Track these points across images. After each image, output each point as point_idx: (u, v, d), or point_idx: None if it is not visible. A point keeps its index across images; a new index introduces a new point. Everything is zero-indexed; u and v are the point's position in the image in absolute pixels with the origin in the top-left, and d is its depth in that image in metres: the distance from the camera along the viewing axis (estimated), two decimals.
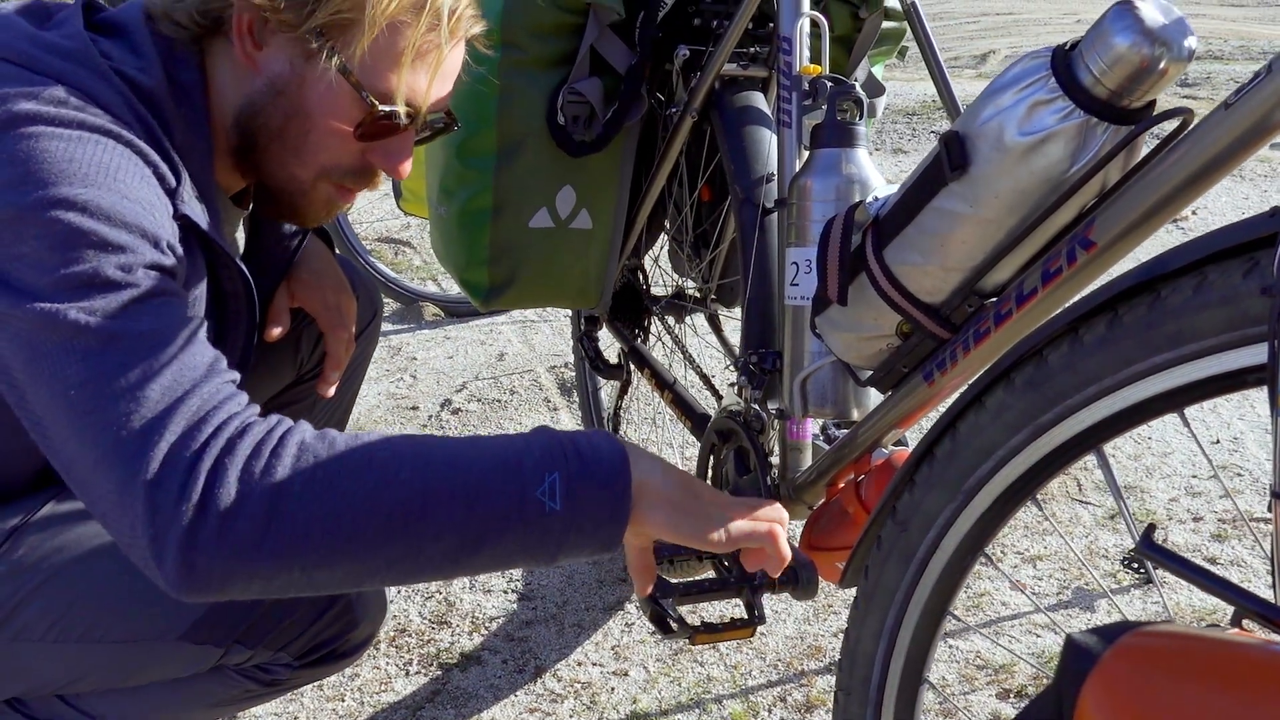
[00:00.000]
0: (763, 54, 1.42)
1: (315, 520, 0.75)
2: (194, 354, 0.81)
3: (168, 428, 0.75)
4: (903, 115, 5.17)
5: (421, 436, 0.82)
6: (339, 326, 1.29)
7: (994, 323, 0.84)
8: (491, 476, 0.79)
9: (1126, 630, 0.50)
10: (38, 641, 0.96)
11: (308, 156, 1.01)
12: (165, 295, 0.83)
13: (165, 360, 0.78)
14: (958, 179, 0.82)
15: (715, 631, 1.08)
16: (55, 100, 0.84)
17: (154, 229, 0.84)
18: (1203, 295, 0.64)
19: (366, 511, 0.76)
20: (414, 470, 0.78)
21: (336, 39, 0.95)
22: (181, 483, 0.73)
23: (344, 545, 0.76)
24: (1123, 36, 0.71)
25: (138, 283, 0.80)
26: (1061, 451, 0.76)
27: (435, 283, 3.38)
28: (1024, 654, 1.64)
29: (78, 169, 0.80)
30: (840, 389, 1.12)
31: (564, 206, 1.50)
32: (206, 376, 0.80)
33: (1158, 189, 0.70)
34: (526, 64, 1.38)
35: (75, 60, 0.89)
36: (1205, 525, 1.95)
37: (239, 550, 0.74)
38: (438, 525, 0.78)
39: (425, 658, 1.68)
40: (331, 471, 0.77)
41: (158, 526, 0.73)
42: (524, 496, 0.79)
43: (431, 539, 0.78)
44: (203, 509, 0.73)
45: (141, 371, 0.77)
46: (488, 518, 0.79)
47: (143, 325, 0.79)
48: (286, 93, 0.97)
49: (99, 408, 0.75)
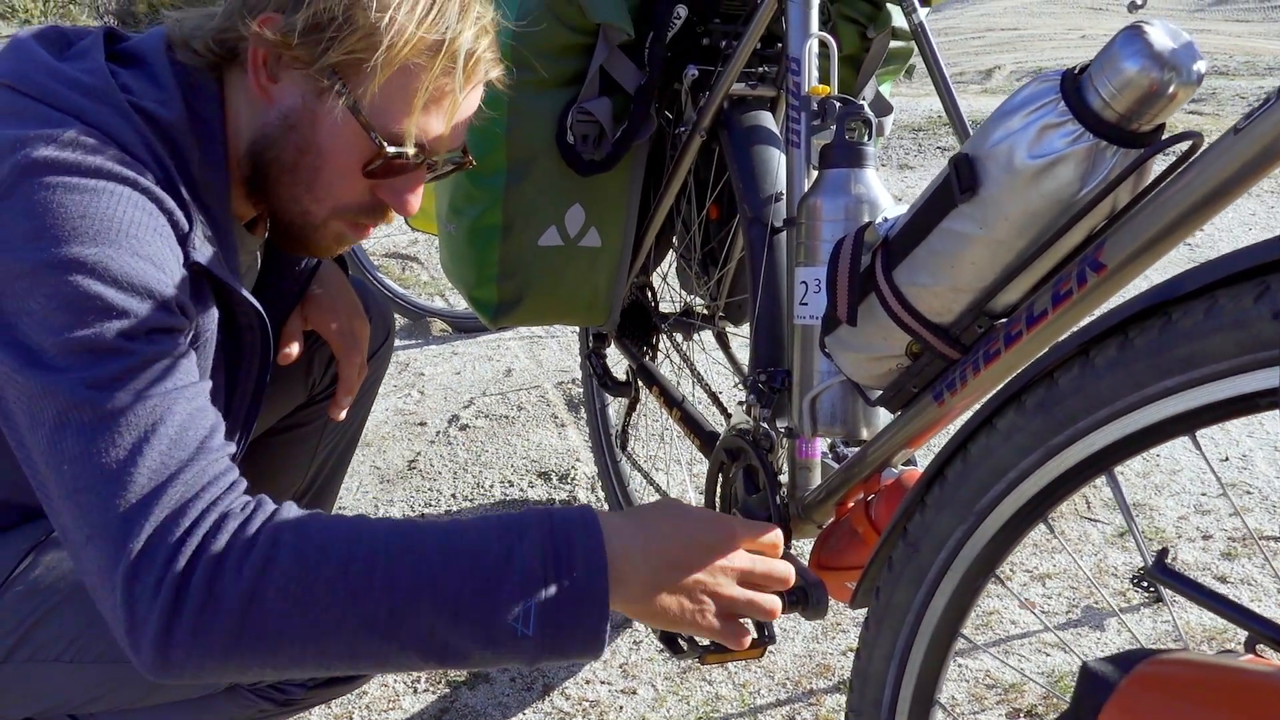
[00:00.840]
0: (771, 74, 1.42)
1: (288, 627, 0.76)
2: (188, 429, 0.82)
3: (149, 518, 0.76)
4: (909, 131, 5.18)
5: (403, 531, 0.82)
6: (352, 351, 1.30)
7: (1004, 344, 0.84)
8: (468, 597, 0.78)
9: (1142, 658, 0.50)
10: (54, 661, 0.97)
11: (319, 192, 1.01)
12: (167, 361, 0.84)
13: (157, 439, 0.79)
14: (967, 200, 0.82)
15: (724, 651, 1.08)
16: (74, 144, 0.85)
17: (162, 289, 0.85)
18: (1214, 319, 0.64)
19: (338, 622, 0.77)
20: (387, 583, 0.78)
21: (349, 78, 0.95)
22: (158, 579, 0.75)
23: (314, 652, 0.78)
24: (1132, 61, 0.72)
25: (139, 351, 0.82)
26: (1073, 474, 0.76)
27: (443, 298, 3.39)
28: (1034, 673, 1.63)
29: (91, 225, 0.82)
30: (849, 408, 1.12)
31: (573, 224, 1.51)
32: (196, 455, 0.81)
33: (1168, 212, 0.71)
34: (536, 84, 1.39)
35: (95, 97, 0.90)
36: (1215, 543, 1.94)
37: (211, 650, 0.76)
38: (406, 642, 0.79)
39: (433, 676, 1.68)
40: (307, 576, 0.77)
41: (134, 619, 0.75)
42: (496, 625, 0.79)
43: (398, 653, 0.79)
44: (177, 609, 0.74)
45: (132, 452, 0.78)
46: (458, 640, 0.79)
47: (139, 400, 0.80)
48: (299, 127, 0.98)
49: (88, 487, 0.77)
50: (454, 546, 0.80)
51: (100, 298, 0.80)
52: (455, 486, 2.26)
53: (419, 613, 0.78)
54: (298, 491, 1.50)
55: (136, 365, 0.81)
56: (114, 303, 0.81)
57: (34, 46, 0.95)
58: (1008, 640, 1.72)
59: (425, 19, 0.94)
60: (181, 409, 0.82)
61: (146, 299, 0.83)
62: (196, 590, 0.75)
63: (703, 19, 1.42)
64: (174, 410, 0.82)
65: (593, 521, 0.84)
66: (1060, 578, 1.87)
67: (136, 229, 0.85)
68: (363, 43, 0.93)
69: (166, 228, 0.88)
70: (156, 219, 0.87)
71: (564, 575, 0.80)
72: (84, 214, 0.82)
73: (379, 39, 0.93)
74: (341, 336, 1.29)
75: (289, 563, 0.77)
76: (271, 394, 1.31)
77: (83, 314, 0.80)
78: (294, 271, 1.26)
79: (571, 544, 0.82)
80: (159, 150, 0.91)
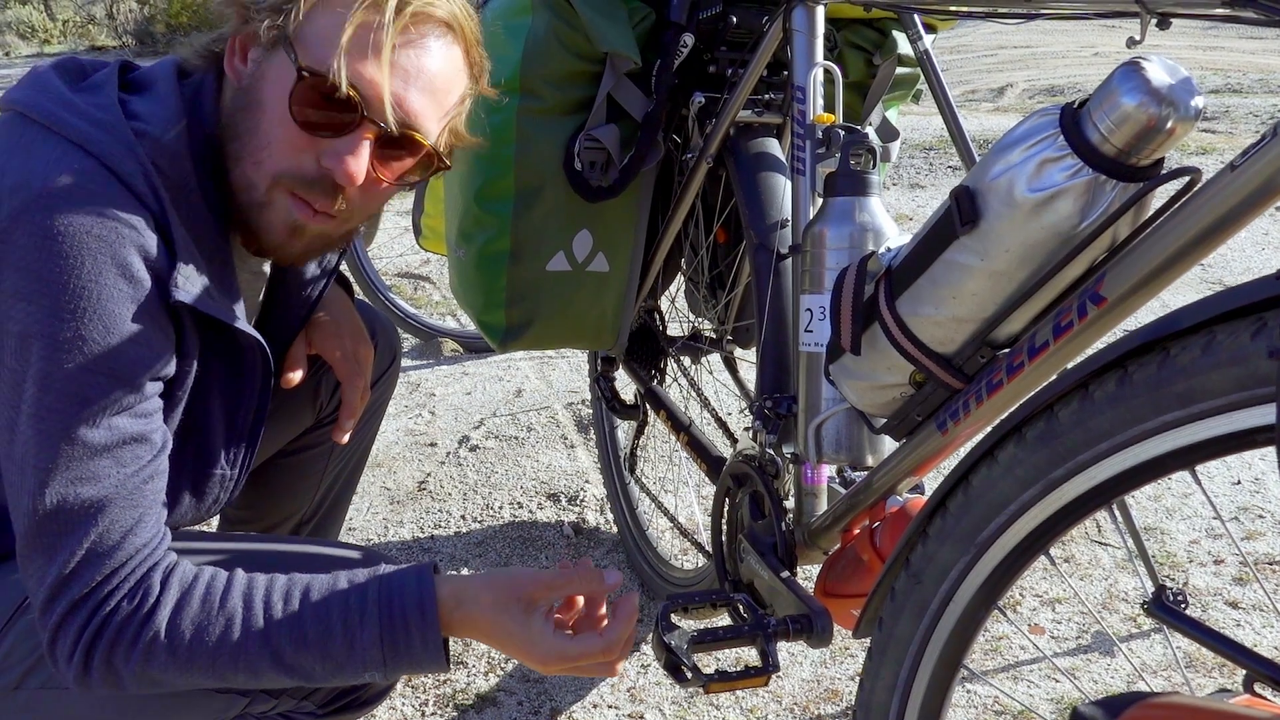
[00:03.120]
0: (777, 101, 1.43)
1: (178, 684, 0.97)
2: (116, 523, 0.93)
3: (60, 605, 0.92)
4: (920, 150, 5.19)
5: (265, 613, 0.97)
6: (355, 375, 1.31)
7: (1006, 374, 0.85)
8: (321, 673, 0.98)
9: (1133, 702, 0.50)
10: (64, 689, 0.97)
11: (260, 153, 0.98)
12: (122, 445, 0.93)
13: (86, 534, 0.91)
14: (968, 233, 0.83)
15: (729, 680, 1.08)
16: (73, 189, 0.89)
17: (130, 369, 0.92)
18: (1212, 355, 0.65)
19: (217, 682, 0.97)
20: (250, 670, 0.96)
21: (281, 17, 0.96)
22: (67, 656, 0.93)
23: (204, 689, 1.00)
24: (1130, 96, 0.72)
25: (93, 437, 0.91)
26: (1074, 507, 0.76)
27: (454, 318, 3.41)
28: (1042, 700, 1.62)
29: (71, 301, 0.88)
30: (855, 435, 1.13)
31: (581, 250, 1.52)
32: (115, 549, 0.93)
33: (1167, 246, 0.71)
34: (544, 111, 1.40)
35: (102, 127, 0.93)
36: (1227, 568, 1.93)
37: (121, 689, 0.96)
38: (273, 691, 1.07)
39: (441, 699, 1.68)
40: (182, 663, 0.95)
41: (58, 667, 0.94)
42: (350, 678, 1.00)
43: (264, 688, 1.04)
44: (87, 675, 0.94)
45: (61, 542, 0.91)
46: (321, 686, 1.06)
47: (84, 491, 0.91)
48: (249, 89, 0.99)
49: (35, 556, 0.92)
50: (305, 639, 0.97)
51: (70, 382, 0.89)
52: (465, 508, 2.27)
53: (280, 681, 0.98)
54: (305, 514, 1.51)
55: (88, 454, 0.91)
56: (82, 391, 0.90)
57: (51, 76, 0.98)
58: (1017, 666, 1.71)
59: None
60: (118, 503, 0.93)
61: (113, 382, 0.91)
62: (99, 666, 0.93)
63: (709, 47, 1.43)
64: (110, 505, 0.92)
65: (430, 601, 1.00)
66: (1070, 602, 1.86)
67: (114, 303, 0.90)
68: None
69: (148, 287, 0.93)
70: (138, 284, 0.92)
71: (401, 654, 0.99)
72: (67, 285, 0.88)
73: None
74: (345, 361, 1.30)
75: (163, 658, 0.94)
76: (279, 417, 1.33)
77: (51, 394, 0.89)
78: (301, 294, 1.27)
79: (409, 629, 0.98)
80: (158, 183, 0.94)
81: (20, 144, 0.91)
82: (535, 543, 2.13)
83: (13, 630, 0.99)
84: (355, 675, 0.99)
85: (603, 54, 1.38)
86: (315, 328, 1.28)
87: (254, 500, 1.46)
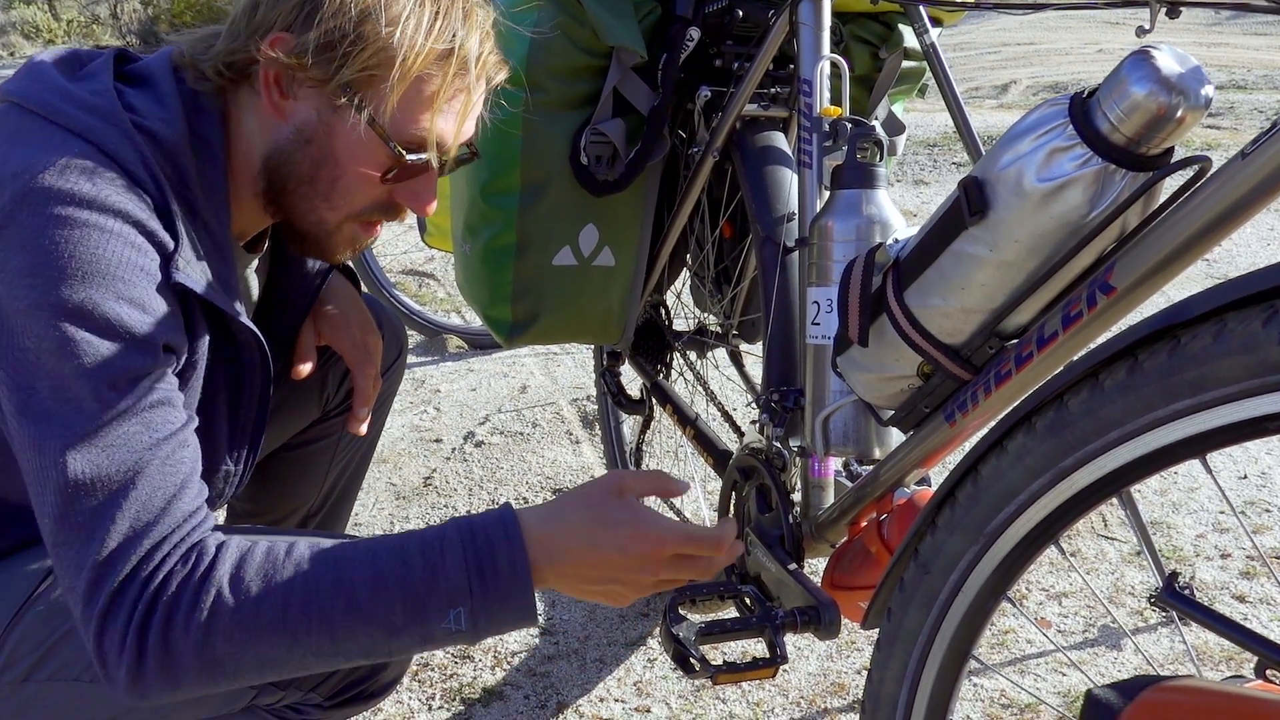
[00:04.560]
0: (783, 94, 1.43)
1: (242, 663, 0.87)
2: (158, 489, 0.87)
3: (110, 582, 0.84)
4: (924, 146, 5.18)
5: (333, 560, 0.89)
6: (366, 364, 1.31)
7: (1015, 365, 0.85)
8: (400, 618, 0.88)
9: (1147, 685, 0.50)
10: (74, 681, 0.97)
11: (336, 200, 1.03)
12: (146, 412, 0.88)
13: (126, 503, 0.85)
14: (977, 223, 0.83)
15: (737, 671, 1.08)
16: (73, 171, 0.87)
17: (147, 332, 0.88)
18: (1223, 342, 0.65)
19: (285, 655, 0.87)
20: (325, 624, 0.87)
21: (364, 92, 0.97)
22: (120, 640, 0.84)
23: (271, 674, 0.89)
24: (1140, 85, 0.72)
25: (119, 400, 0.86)
26: (1084, 496, 0.76)
27: (459, 315, 3.41)
28: (1049, 693, 1.62)
29: (80, 267, 0.85)
30: (862, 428, 1.12)
31: (587, 244, 1.52)
32: (160, 516, 0.86)
33: (1177, 235, 0.71)
34: (550, 105, 1.40)
35: (99, 115, 0.92)
36: (1234, 562, 1.93)
37: (179, 686, 0.86)
38: (351, 657, 0.90)
39: (448, 692, 1.69)
40: (248, 624, 0.86)
41: (108, 671, 0.85)
42: (430, 631, 0.89)
43: (344, 663, 0.91)
44: (141, 664, 0.84)
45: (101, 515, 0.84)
46: (397, 648, 0.90)
47: (114, 458, 0.85)
48: (315, 141, 1.00)
49: (65, 542, 0.85)
50: (382, 576, 0.88)
51: (88, 344, 0.85)
52: (470, 503, 2.27)
53: (356, 637, 0.88)
54: (312, 507, 1.51)
55: (123, 413, 0.86)
56: (100, 351, 0.86)
57: (47, 67, 0.98)
58: (1023, 659, 1.71)
59: (432, 29, 0.97)
60: (155, 467, 0.87)
61: (131, 345, 0.88)
62: (154, 649, 0.84)
63: (715, 41, 1.43)
64: (147, 469, 0.87)
65: (513, 526, 0.92)
66: (1077, 596, 1.86)
67: (123, 269, 0.88)
68: (375, 58, 0.95)
69: (155, 262, 0.91)
70: (145, 255, 0.90)
71: (489, 584, 0.89)
72: (74, 254, 0.85)
73: (392, 54, 0.95)
74: (355, 350, 1.30)
75: (228, 620, 0.85)
76: (285, 410, 1.33)
77: (70, 360, 0.85)
78: (301, 287, 1.27)
79: (495, 553, 0.90)
80: (157, 170, 0.93)
81: (19, 133, 0.91)
82: None
83: (21, 622, 0.99)
84: (440, 617, 0.88)
85: (608, 48, 1.38)
86: (323, 319, 1.29)
87: (260, 494, 1.47)
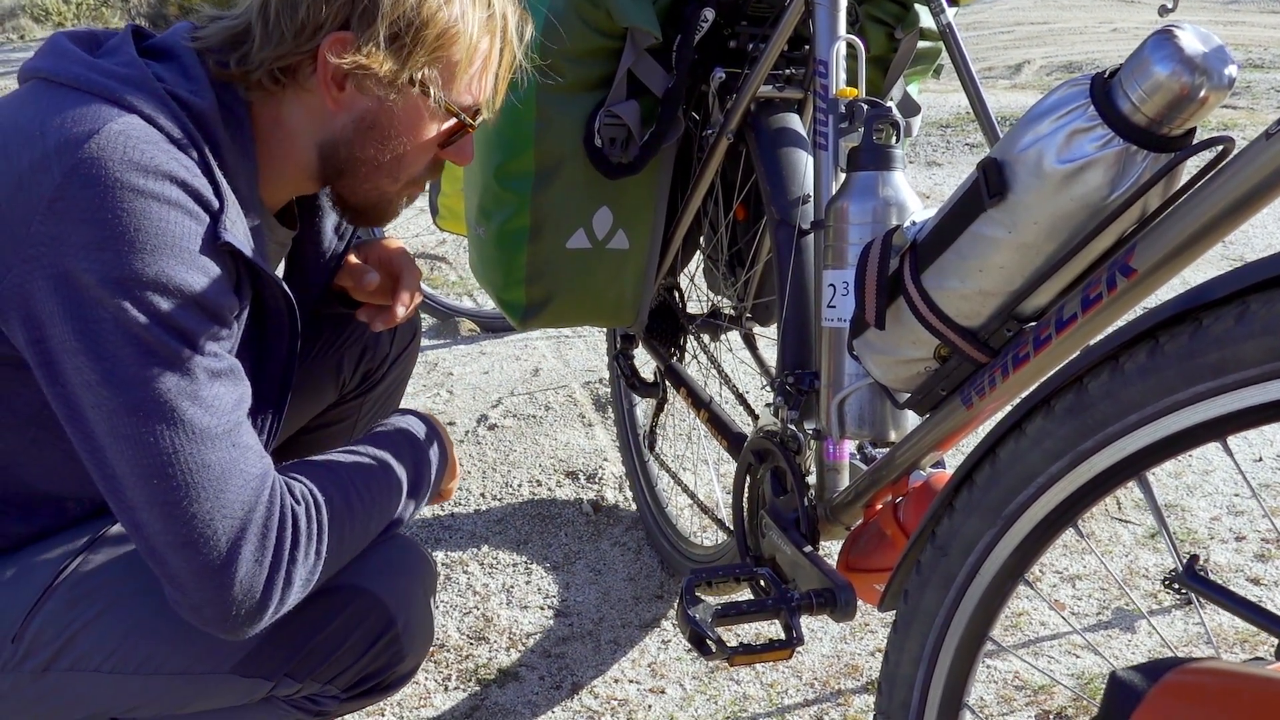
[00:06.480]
0: (798, 76, 1.43)
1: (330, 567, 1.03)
2: (251, 446, 0.94)
3: (240, 547, 0.92)
4: (937, 128, 5.15)
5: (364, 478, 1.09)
6: (411, 266, 1.34)
7: (1033, 348, 0.84)
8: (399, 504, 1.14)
9: (1171, 667, 0.50)
10: (93, 672, 0.98)
11: (399, 172, 1.10)
12: (227, 377, 0.94)
13: (233, 455, 0.91)
14: (996, 205, 0.82)
15: (753, 652, 1.09)
16: (119, 137, 0.87)
17: (215, 298, 0.91)
18: (1245, 325, 0.64)
19: (351, 548, 1.07)
20: (363, 527, 1.07)
21: (430, 72, 1.02)
22: (247, 596, 0.93)
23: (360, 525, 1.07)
24: (1163, 65, 0.72)
25: (205, 365, 0.91)
26: (1102, 479, 0.76)
27: (471, 298, 3.41)
28: (1063, 674, 1.62)
29: (147, 240, 0.86)
30: (878, 411, 1.12)
31: (601, 227, 1.52)
32: (263, 475, 0.94)
33: (1198, 217, 0.70)
34: (564, 88, 1.40)
35: (133, 85, 0.92)
36: (1249, 545, 1.93)
37: (287, 605, 0.98)
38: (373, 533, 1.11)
39: (464, 673, 1.70)
40: (336, 537, 1.02)
41: (230, 623, 0.93)
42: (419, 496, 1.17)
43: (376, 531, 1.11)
44: (262, 607, 0.94)
45: (215, 469, 0.90)
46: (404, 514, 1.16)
47: (205, 416, 0.90)
48: (378, 125, 1.04)
49: (175, 500, 0.89)
50: (390, 487, 1.12)
51: (167, 314, 0.87)
52: (484, 485, 2.28)
53: (378, 525, 1.10)
54: None
55: (205, 378, 0.90)
56: (177, 319, 0.88)
57: (69, 44, 0.97)
58: (1037, 642, 1.71)
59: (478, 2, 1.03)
60: (245, 426, 0.93)
61: (203, 311, 0.91)
62: (280, 586, 0.95)
63: (730, 22, 1.42)
64: (240, 426, 0.93)
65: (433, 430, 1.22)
66: (1091, 579, 1.85)
67: (185, 238, 0.89)
68: (440, 40, 1.01)
69: (207, 223, 0.91)
70: (199, 220, 0.90)
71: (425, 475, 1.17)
72: (139, 226, 0.86)
73: (454, 31, 1.01)
74: (399, 254, 1.34)
75: (331, 540, 1.01)
76: (303, 392, 1.33)
77: (154, 329, 0.87)
78: (318, 265, 1.27)
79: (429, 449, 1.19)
80: (194, 134, 0.94)
81: (54, 106, 0.89)
82: (554, 520, 2.14)
83: (41, 612, 0.99)
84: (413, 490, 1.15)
85: (623, 29, 1.37)
86: (361, 247, 1.34)
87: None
